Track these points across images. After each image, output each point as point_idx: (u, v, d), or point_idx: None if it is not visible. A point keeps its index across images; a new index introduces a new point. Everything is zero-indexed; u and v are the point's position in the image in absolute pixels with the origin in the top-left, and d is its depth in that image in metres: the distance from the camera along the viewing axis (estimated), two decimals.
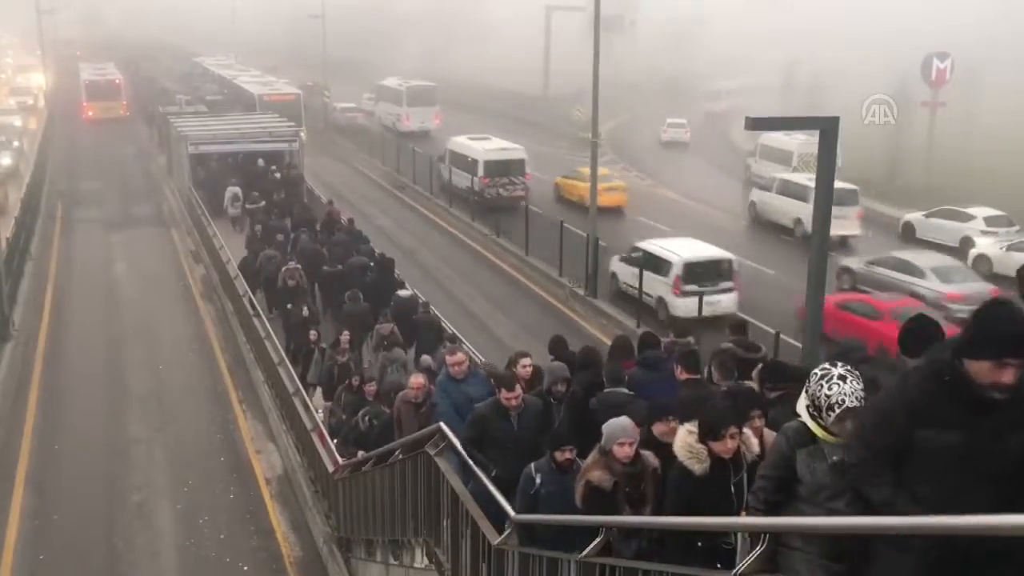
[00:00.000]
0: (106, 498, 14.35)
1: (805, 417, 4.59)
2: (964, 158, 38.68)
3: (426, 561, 8.42)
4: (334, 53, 61.23)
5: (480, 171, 33.79)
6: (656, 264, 21.80)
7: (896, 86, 39.77)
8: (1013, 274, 24.67)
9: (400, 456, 9.04)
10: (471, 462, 7.63)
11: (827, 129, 10.09)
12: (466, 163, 34.96)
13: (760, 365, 7.95)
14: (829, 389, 4.45)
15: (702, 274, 21.31)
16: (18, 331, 21.22)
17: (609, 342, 11.84)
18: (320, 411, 14.44)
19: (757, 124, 10.65)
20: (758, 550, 4.33)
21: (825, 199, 10.66)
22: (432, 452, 7.88)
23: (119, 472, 15.17)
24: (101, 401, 17.98)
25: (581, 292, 24.05)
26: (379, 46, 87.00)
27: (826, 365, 4.60)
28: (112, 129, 52.31)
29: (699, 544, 5.33)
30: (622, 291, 23.22)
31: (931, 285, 21.69)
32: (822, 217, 10.54)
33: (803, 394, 4.63)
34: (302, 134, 35.90)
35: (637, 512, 6.08)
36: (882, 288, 22.03)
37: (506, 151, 35.09)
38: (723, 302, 20.69)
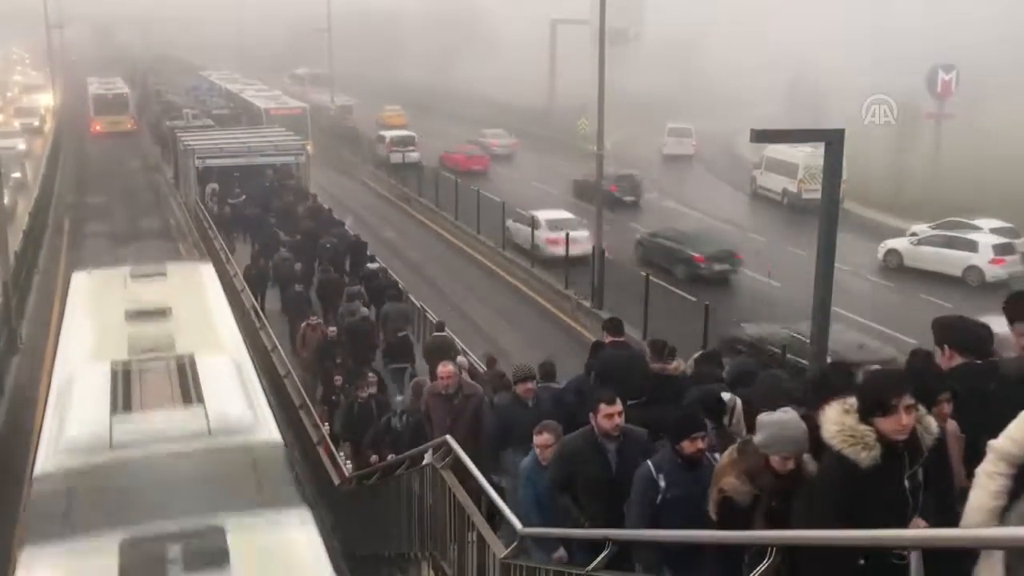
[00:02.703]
0: None
1: None
2: (971, 170, 38.61)
3: (432, 575, 8.39)
4: (341, 67, 61.78)
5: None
6: (383, 139, 45.42)
7: (902, 98, 39.81)
8: (924, 267, 25.52)
9: (406, 469, 9.03)
10: (483, 480, 7.26)
11: (832, 141, 10.07)
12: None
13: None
14: None
15: (400, 143, 44.34)
16: (25, 344, 21.28)
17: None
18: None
19: (762, 136, 10.60)
20: (764, 565, 4.28)
21: (831, 212, 10.62)
22: (438, 465, 7.86)
23: None
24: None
25: (587, 304, 24.05)
26: (385, 59, 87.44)
27: None
28: (120, 143, 52.54)
29: (862, 561, 4.06)
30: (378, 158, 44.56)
31: (493, 142, 48.71)
32: (828, 229, 10.50)
33: None
34: (308, 147, 36.04)
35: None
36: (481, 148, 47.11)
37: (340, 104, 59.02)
38: (411, 156, 42.77)
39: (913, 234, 28.42)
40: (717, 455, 5.79)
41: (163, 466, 6.56)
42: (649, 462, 5.95)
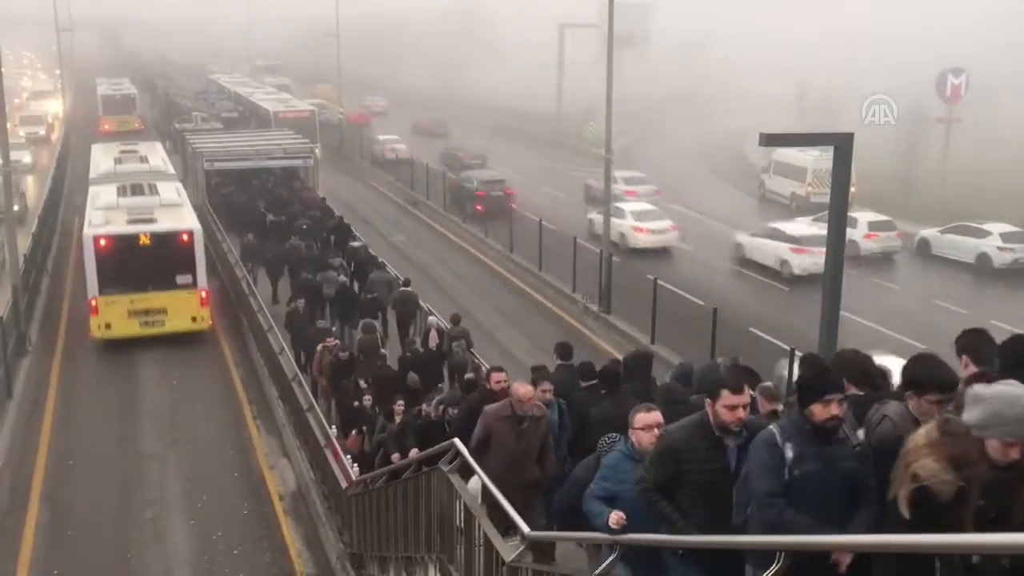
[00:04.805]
0: (120, 513, 14.39)
1: None
2: (980, 174, 38.50)
3: None
4: (349, 71, 62.08)
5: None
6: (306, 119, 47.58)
7: (911, 102, 39.72)
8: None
9: (413, 472, 9.02)
10: (490, 483, 7.21)
11: (841, 145, 10.06)
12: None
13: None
14: None
15: (320, 109, 50.89)
16: (34, 347, 21.34)
17: (621, 358, 11.89)
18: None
19: (771, 140, 10.62)
20: (772, 570, 4.27)
21: (839, 216, 10.61)
22: (446, 468, 7.85)
23: (133, 487, 15.21)
24: (115, 416, 18.05)
25: (595, 308, 24.04)
26: (394, 65, 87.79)
27: None
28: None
29: None
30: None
31: (373, 105, 69.66)
32: (836, 233, 10.50)
33: None
34: (316, 150, 36.13)
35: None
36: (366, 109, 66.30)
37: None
38: (324, 117, 50.28)
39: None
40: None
41: (136, 179, 26.20)
42: (773, 426, 4.86)
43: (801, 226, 28.35)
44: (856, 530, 4.58)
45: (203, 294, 21.56)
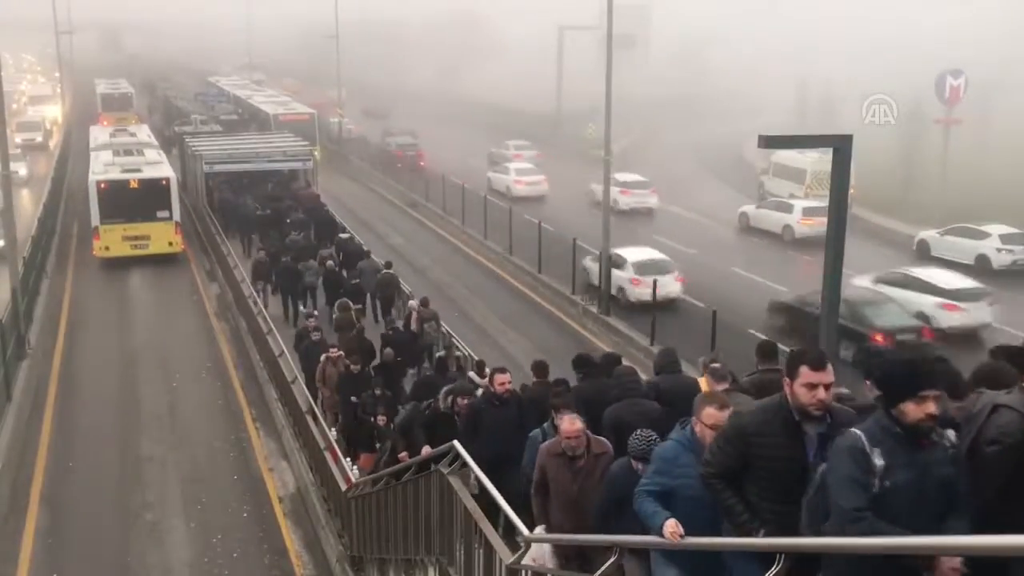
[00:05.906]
0: (120, 516, 14.37)
1: None
2: (979, 175, 38.47)
3: None
4: (350, 74, 62.27)
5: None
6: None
7: (911, 103, 39.68)
8: (760, 226, 32.92)
9: (413, 474, 9.02)
10: (491, 486, 7.25)
11: (840, 147, 10.04)
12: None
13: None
14: None
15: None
16: (33, 349, 21.30)
17: (623, 359, 11.88)
18: None
19: (770, 142, 10.60)
20: (773, 570, 4.26)
21: (839, 218, 10.60)
22: (445, 471, 7.84)
23: (133, 490, 15.20)
24: (115, 419, 18.04)
25: (594, 310, 24.02)
26: (394, 66, 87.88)
27: None
28: None
29: None
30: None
31: (337, 100, 59.60)
32: (836, 234, 10.48)
33: None
34: (316, 153, 36.14)
35: None
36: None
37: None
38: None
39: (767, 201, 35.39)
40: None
41: (127, 146, 34.13)
42: (857, 430, 4.16)
43: (628, 175, 37.63)
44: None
45: (177, 225, 28.94)
